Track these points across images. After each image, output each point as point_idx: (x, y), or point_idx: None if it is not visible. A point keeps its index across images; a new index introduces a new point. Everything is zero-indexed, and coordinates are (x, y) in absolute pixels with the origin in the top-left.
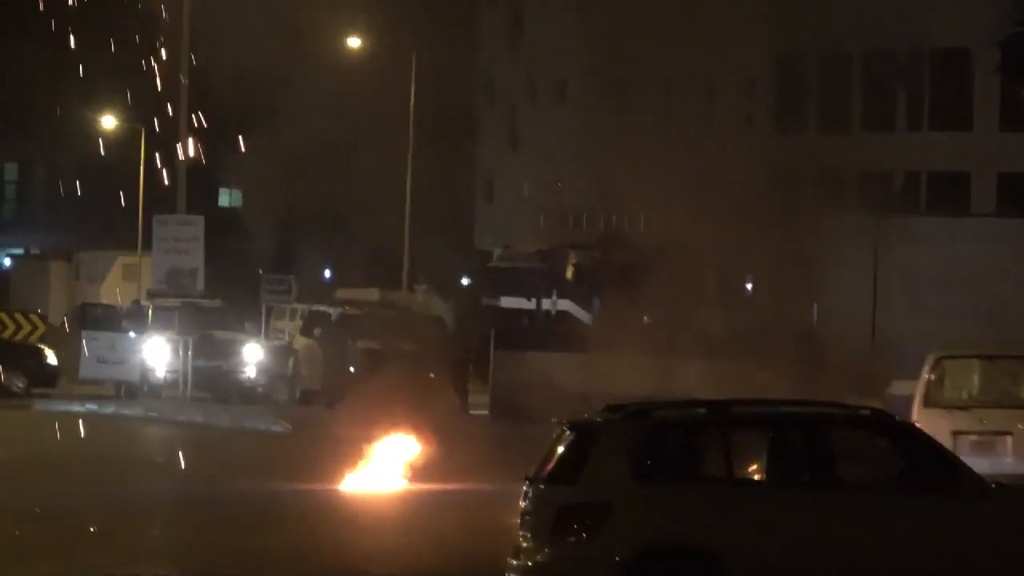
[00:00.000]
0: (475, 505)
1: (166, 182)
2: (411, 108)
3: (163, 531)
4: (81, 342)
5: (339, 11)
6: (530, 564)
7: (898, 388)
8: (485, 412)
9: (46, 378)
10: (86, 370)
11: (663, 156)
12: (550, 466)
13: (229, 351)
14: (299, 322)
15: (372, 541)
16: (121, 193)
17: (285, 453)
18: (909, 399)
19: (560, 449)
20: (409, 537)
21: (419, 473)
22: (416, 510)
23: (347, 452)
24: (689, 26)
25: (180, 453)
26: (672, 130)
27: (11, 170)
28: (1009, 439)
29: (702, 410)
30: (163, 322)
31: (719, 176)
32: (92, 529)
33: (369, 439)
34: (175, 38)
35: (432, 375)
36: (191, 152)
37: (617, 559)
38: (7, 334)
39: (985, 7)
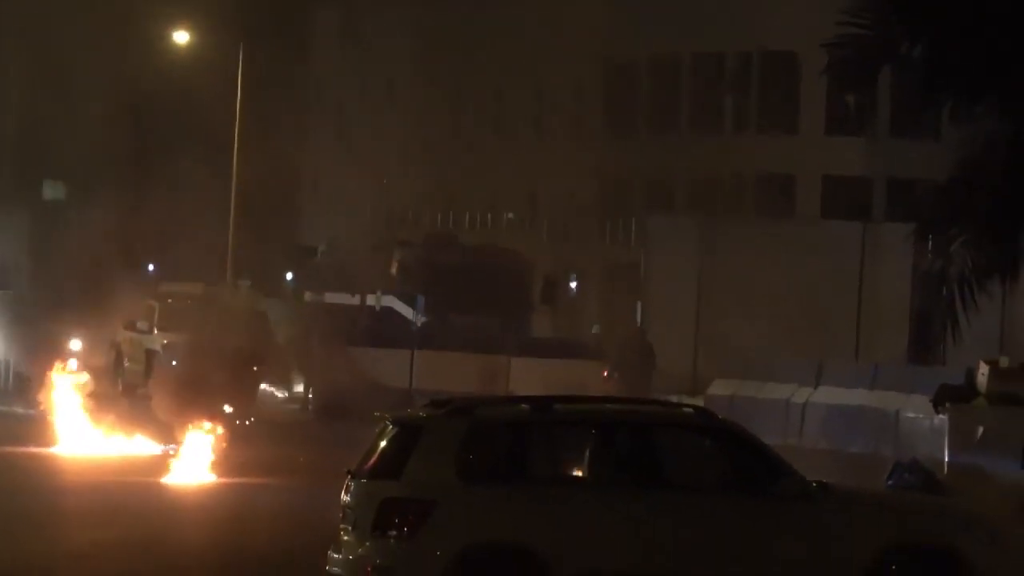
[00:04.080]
0: (293, 499)
1: None
2: (238, 104)
3: None
4: None
5: (165, 7)
6: (351, 557)
7: (719, 388)
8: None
9: None
10: None
11: (490, 158)
12: (373, 460)
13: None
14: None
15: (187, 533)
16: None
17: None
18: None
19: (383, 444)
20: (224, 529)
21: (235, 467)
22: (230, 503)
23: (157, 444)
24: (520, 30)
25: None
26: (501, 133)
27: None
28: None
29: (525, 407)
30: None
31: (547, 179)
32: None
33: (180, 431)
34: None
35: (255, 369)
36: None
37: (439, 554)
38: None
39: (813, 11)
